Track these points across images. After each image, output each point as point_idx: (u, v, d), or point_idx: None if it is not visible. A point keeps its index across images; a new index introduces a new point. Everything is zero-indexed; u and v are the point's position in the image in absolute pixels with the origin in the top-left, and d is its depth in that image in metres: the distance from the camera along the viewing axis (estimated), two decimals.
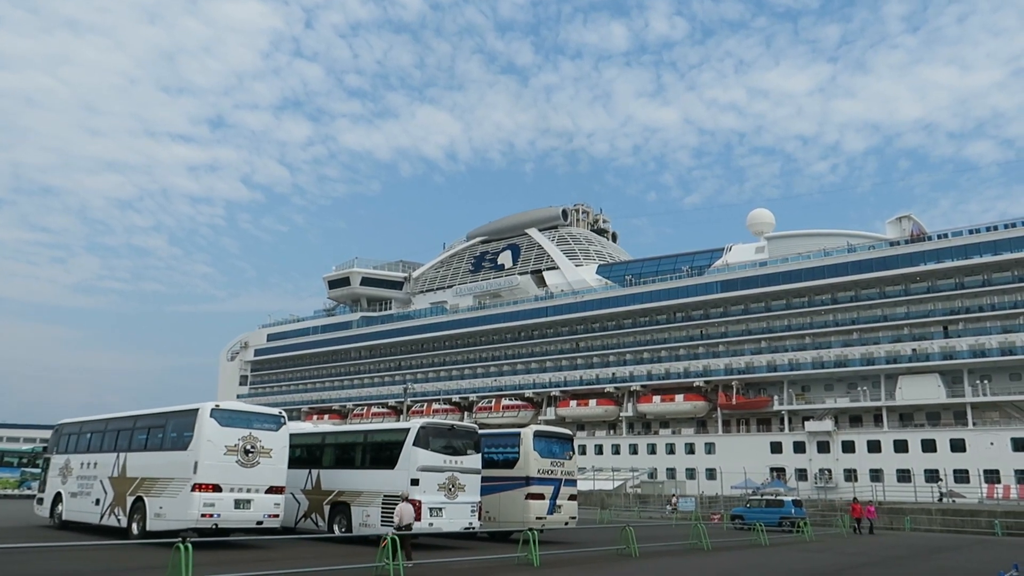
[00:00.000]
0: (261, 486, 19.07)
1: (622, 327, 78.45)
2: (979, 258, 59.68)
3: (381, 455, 21.94)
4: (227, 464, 18.55)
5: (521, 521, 22.65)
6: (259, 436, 19.27)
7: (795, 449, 64.80)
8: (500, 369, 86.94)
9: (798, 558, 22.03)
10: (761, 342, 69.56)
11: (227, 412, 19.14)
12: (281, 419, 20.23)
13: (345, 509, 21.81)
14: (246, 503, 18.72)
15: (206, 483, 18.11)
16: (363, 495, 21.44)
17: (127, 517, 19.96)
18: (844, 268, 65.07)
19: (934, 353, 60.53)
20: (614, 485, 64.25)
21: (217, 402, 19.60)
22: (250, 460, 18.96)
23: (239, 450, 18.81)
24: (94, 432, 23.49)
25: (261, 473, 19.13)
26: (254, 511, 18.85)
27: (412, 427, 21.21)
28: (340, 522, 21.83)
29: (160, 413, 20.99)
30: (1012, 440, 55.48)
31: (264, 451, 19.28)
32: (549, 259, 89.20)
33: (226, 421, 18.88)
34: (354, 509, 21.59)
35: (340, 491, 21.91)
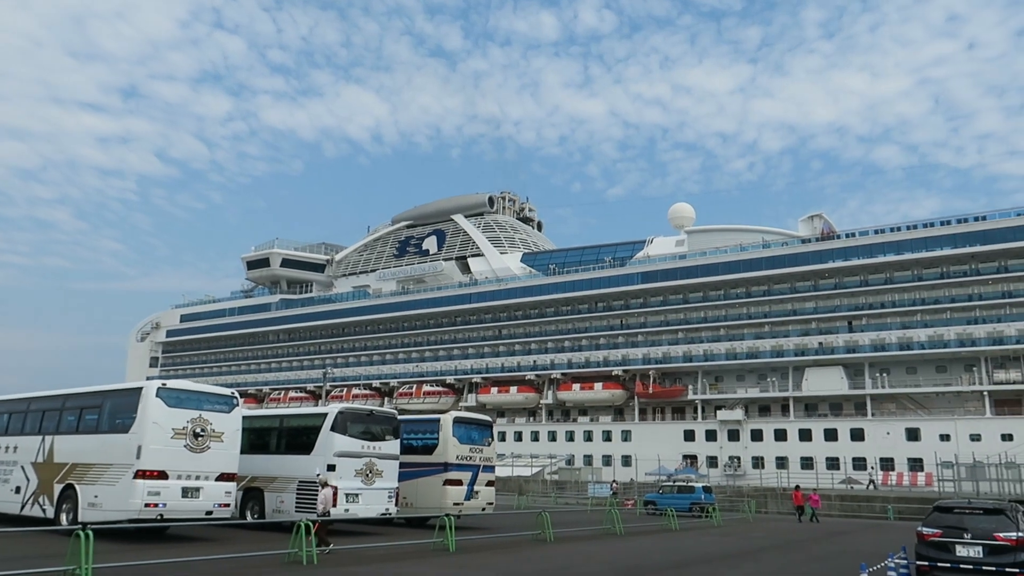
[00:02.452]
0: (211, 473, 17.62)
1: (545, 315, 79.23)
2: (883, 257, 62.80)
3: (297, 440, 21.59)
4: (174, 449, 17.06)
5: (438, 507, 22.72)
6: (210, 418, 17.82)
7: (707, 437, 66.97)
8: (422, 355, 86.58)
9: (705, 542, 22.84)
10: (678, 333, 71.47)
11: (175, 392, 17.62)
12: (234, 400, 18.79)
13: (258, 495, 21.39)
14: (195, 491, 17.27)
15: (150, 469, 16.56)
16: (277, 481, 21.08)
17: (54, 507, 18.17)
18: (758, 263, 67.41)
19: (839, 347, 63.48)
20: (532, 471, 65.02)
21: (164, 380, 18.27)
22: (200, 444, 17.49)
23: (188, 433, 17.32)
24: (14, 413, 21.26)
25: (211, 459, 17.68)
26: (203, 500, 17.40)
27: (330, 412, 20.94)
28: (253, 508, 21.40)
29: (96, 392, 19.20)
30: (906, 430, 58.83)
31: (215, 435, 17.85)
32: (474, 246, 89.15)
33: (173, 402, 17.35)
34: (268, 495, 21.21)
35: (253, 477, 21.46)
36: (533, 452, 71.97)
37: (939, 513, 13.68)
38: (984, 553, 12.61)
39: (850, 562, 16.84)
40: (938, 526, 13.28)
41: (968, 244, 59.44)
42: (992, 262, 59.39)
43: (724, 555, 19.02)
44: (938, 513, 13.70)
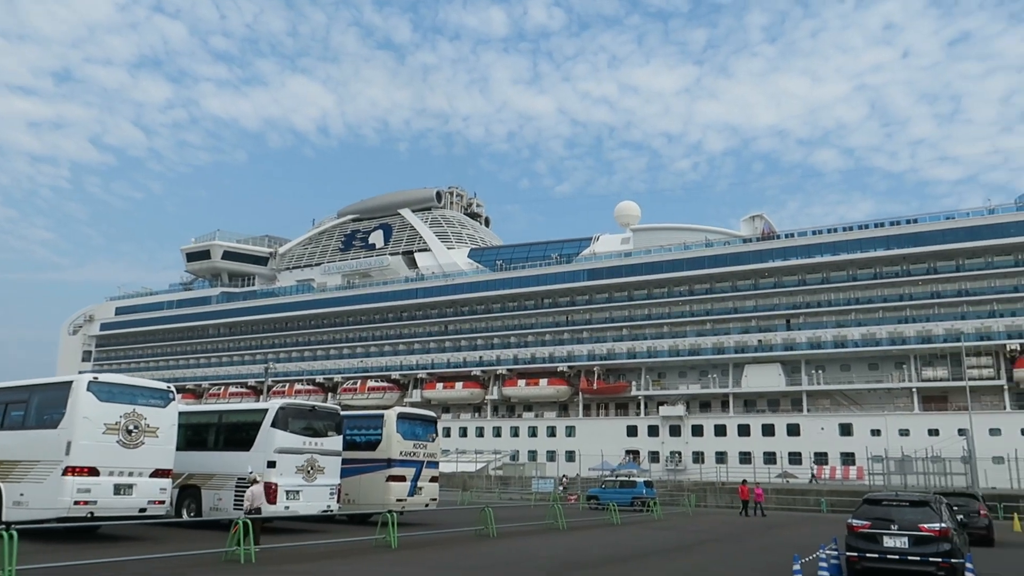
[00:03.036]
0: (145, 469, 17.10)
1: (491, 311, 79.32)
2: (820, 257, 64.67)
3: (237, 436, 21.17)
4: (106, 444, 16.50)
5: (381, 503, 22.56)
6: (144, 413, 17.27)
7: (649, 432, 68.02)
8: (367, 350, 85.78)
9: (645, 535, 23.20)
10: (623, 330, 72.36)
11: (107, 385, 17.05)
12: (170, 395, 18.27)
13: (195, 493, 20.92)
14: (127, 488, 16.73)
15: (81, 466, 16.00)
16: (215, 478, 20.64)
17: None
18: (701, 262, 68.71)
19: (777, 344, 65.16)
20: (477, 467, 65.07)
21: (96, 374, 17.59)
22: (133, 440, 16.95)
23: (121, 429, 16.76)
24: None
25: (145, 454, 17.16)
26: (137, 497, 16.88)
27: (271, 408, 20.59)
28: (189, 506, 20.93)
29: (21, 386, 18.42)
30: (840, 425, 60.76)
31: (149, 430, 17.31)
32: (421, 241, 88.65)
33: (106, 396, 16.77)
34: (205, 493, 20.76)
35: (190, 474, 20.96)
36: (478, 448, 72.06)
37: (868, 505, 14.16)
38: (909, 543, 13.11)
39: (784, 554, 17.30)
40: (867, 518, 13.75)
41: (900, 246, 61.64)
42: (922, 263, 61.70)
43: (663, 549, 19.35)
44: (867, 505, 14.18)
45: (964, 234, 59.64)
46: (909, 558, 12.96)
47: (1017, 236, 57.90)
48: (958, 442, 46.16)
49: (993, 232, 58.82)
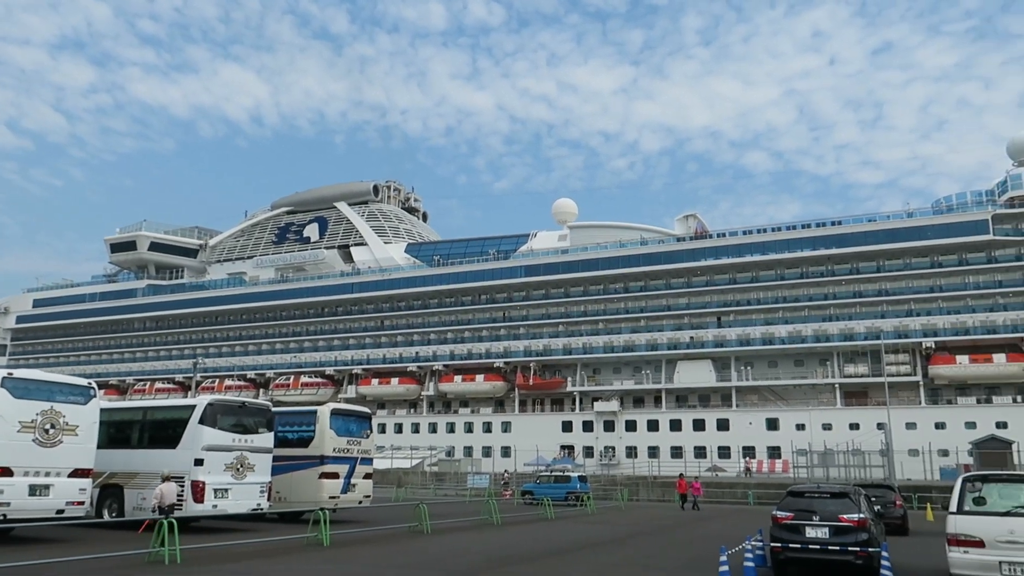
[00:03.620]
0: (63, 469, 16.37)
1: (428, 307, 78.95)
2: (750, 257, 66.50)
3: (162, 434, 20.53)
4: (21, 443, 15.68)
5: (314, 501, 22.23)
6: (63, 410, 16.51)
7: (584, 428, 68.85)
8: (301, 345, 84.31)
9: (579, 530, 23.48)
10: (559, 326, 72.99)
11: (23, 382, 16.21)
12: (91, 391, 17.51)
13: (117, 492, 20.20)
14: (44, 489, 15.99)
15: None
16: (139, 477, 19.96)
17: None
18: (636, 260, 69.85)
19: (708, 341, 66.76)
20: (412, 463, 64.76)
21: (10, 369, 16.76)
22: (51, 439, 16.21)
23: (37, 427, 16.00)
24: None
25: (64, 453, 16.41)
26: (54, 498, 16.13)
27: (198, 404, 20.04)
28: (111, 507, 20.20)
29: None
30: (767, 420, 62.68)
31: (69, 428, 16.59)
32: (358, 234, 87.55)
33: (21, 392, 15.96)
34: (128, 492, 20.06)
35: (112, 473, 20.24)
36: (413, 444, 71.68)
37: (791, 497, 14.62)
38: (830, 534, 13.58)
39: (712, 546, 17.75)
40: (790, 510, 14.19)
41: (825, 247, 63.90)
42: (845, 264, 64.09)
43: (595, 542, 19.62)
44: (791, 497, 14.64)
45: (884, 236, 62.21)
46: (829, 548, 13.43)
47: (933, 239, 60.68)
48: (877, 435, 48.19)
49: (911, 235, 61.53)
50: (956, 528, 11.34)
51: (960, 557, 11.17)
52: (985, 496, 11.61)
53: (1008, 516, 11.06)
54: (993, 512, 11.25)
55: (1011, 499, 11.42)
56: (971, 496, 11.66)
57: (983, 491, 11.70)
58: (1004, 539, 10.88)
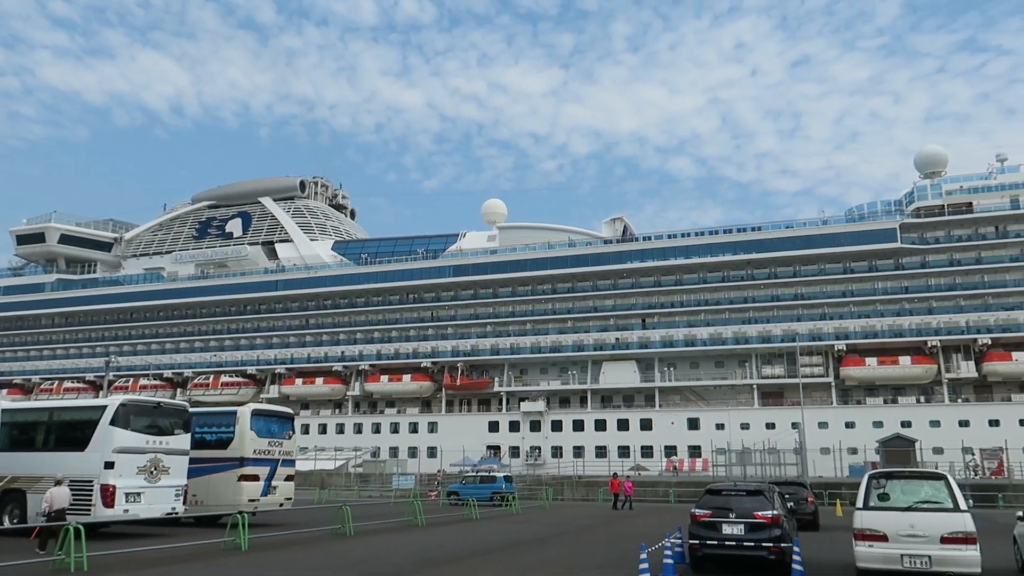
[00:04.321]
0: None
1: (355, 305, 77.89)
2: (674, 260, 68.05)
3: (70, 435, 19.62)
4: None
5: (232, 504, 21.65)
6: None
7: (511, 428, 69.12)
8: (221, 344, 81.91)
9: (503, 530, 23.56)
10: (487, 326, 73.09)
11: None
12: None
13: (19, 497, 19.21)
14: None
15: None
16: (43, 481, 18.97)
17: None
18: (564, 261, 70.58)
19: (633, 343, 68.00)
20: (336, 464, 63.74)
21: None
22: None
23: None
24: None
25: None
26: None
27: (110, 404, 19.24)
28: (12, 512, 19.19)
29: None
30: (688, 420, 64.24)
31: None
32: (283, 231, 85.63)
33: None
34: (31, 497, 19.07)
35: (14, 477, 19.24)
36: (338, 445, 70.56)
37: (710, 495, 15.05)
38: (745, 530, 14.03)
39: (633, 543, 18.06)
40: (709, 507, 14.60)
41: (745, 252, 65.94)
42: (764, 268, 66.29)
43: (519, 542, 19.72)
44: (709, 495, 15.06)
45: (800, 243, 64.64)
46: (744, 544, 13.88)
47: (846, 246, 63.39)
48: (792, 435, 49.98)
49: (825, 241, 64.11)
50: (862, 523, 11.89)
51: (865, 551, 11.72)
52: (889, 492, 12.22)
53: (909, 511, 11.67)
54: (896, 507, 11.85)
55: (912, 495, 12.05)
56: (876, 492, 12.25)
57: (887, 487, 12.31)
58: (905, 533, 11.47)
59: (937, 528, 11.35)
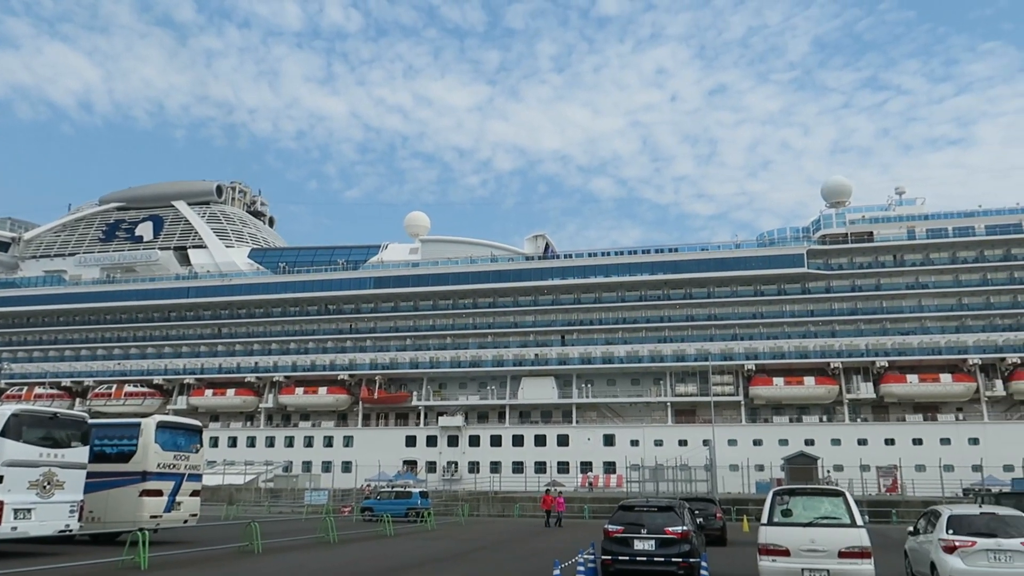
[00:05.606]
0: None
1: (271, 315, 75.97)
2: (594, 278, 69.20)
3: None
4: None
5: (133, 521, 20.64)
6: None
7: (428, 443, 68.53)
8: (126, 352, 78.42)
9: (418, 546, 23.29)
10: (407, 340, 72.45)
11: None
12: None
13: None
14: None
15: None
16: None
17: None
18: (486, 276, 70.78)
19: (552, 359, 68.63)
20: (246, 479, 61.77)
21: None
22: None
23: None
24: None
25: None
26: None
27: (0, 414, 18.09)
28: None
29: None
30: (604, 436, 65.16)
31: None
32: (197, 236, 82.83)
33: None
34: None
35: None
36: (248, 458, 68.41)
37: (622, 511, 15.29)
38: (656, 546, 14.32)
39: (547, 559, 18.17)
40: (621, 523, 14.84)
41: (662, 272, 67.68)
42: (680, 289, 68.14)
43: (433, 559, 19.54)
44: (621, 511, 15.31)
45: (714, 265, 66.82)
46: (655, 559, 14.17)
47: (757, 269, 65.87)
48: (703, 451, 51.39)
49: (738, 265, 66.47)
50: (766, 538, 12.29)
51: (769, 565, 12.12)
52: (792, 508, 12.68)
53: (810, 527, 12.14)
54: (797, 523, 12.31)
55: (813, 511, 12.54)
56: (780, 508, 12.70)
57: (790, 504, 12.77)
58: (806, 548, 11.92)
59: (835, 543, 11.83)
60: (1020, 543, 11.78)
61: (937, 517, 13.10)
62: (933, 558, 12.46)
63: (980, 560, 11.84)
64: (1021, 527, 12.13)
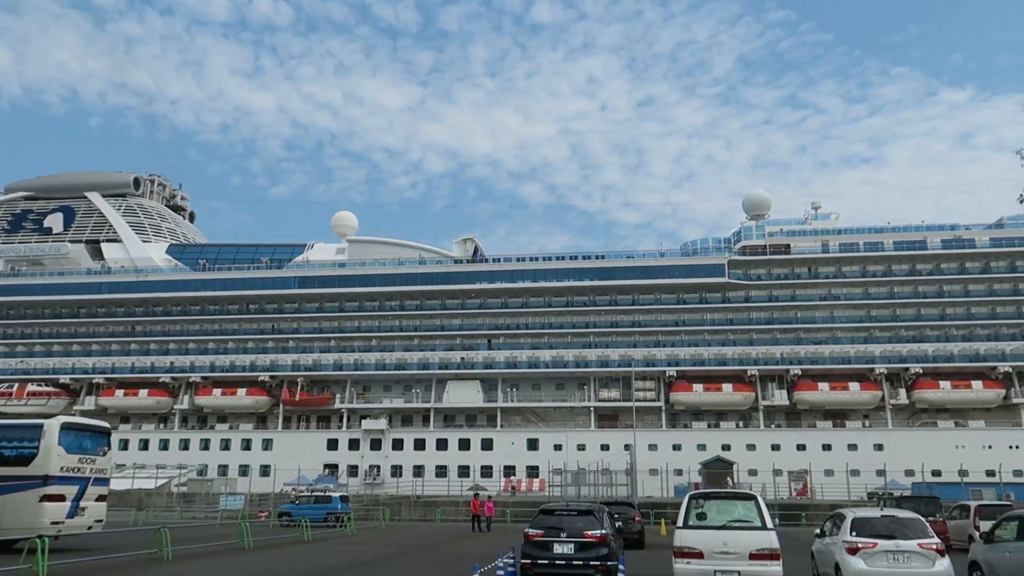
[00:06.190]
0: None
1: (189, 314, 73.53)
2: (522, 283, 69.58)
3: None
4: None
5: (32, 527, 19.60)
6: None
7: (350, 446, 67.47)
8: (30, 349, 74.58)
9: (336, 551, 22.89)
10: (331, 341, 71.26)
11: None
12: None
13: None
14: None
15: None
16: None
17: None
18: (414, 279, 70.28)
19: (478, 362, 68.61)
20: (157, 483, 59.47)
21: None
22: None
23: None
24: None
25: None
26: None
27: None
28: None
29: None
30: (528, 440, 65.49)
31: None
32: (111, 230, 79.49)
33: None
34: None
35: None
36: (161, 462, 65.92)
37: (543, 515, 15.39)
38: (575, 549, 14.46)
39: (467, 564, 18.12)
40: (541, 527, 14.93)
41: (589, 279, 68.57)
42: (606, 296, 69.17)
43: (351, 564, 19.24)
44: (542, 515, 15.40)
45: (639, 273, 68.14)
46: (574, 562, 14.30)
47: (680, 278, 67.45)
48: (624, 456, 52.23)
49: (662, 273, 67.96)
50: (681, 541, 12.57)
51: (683, 568, 12.39)
52: (706, 512, 13.01)
53: (723, 529, 12.47)
54: (711, 526, 12.63)
55: (727, 514, 12.89)
56: (695, 512, 13.01)
57: (705, 507, 13.10)
58: (719, 550, 12.24)
59: (746, 545, 12.18)
60: (917, 544, 12.40)
61: (842, 520, 13.65)
62: (837, 559, 12.98)
63: (880, 561, 12.39)
64: (919, 529, 12.77)
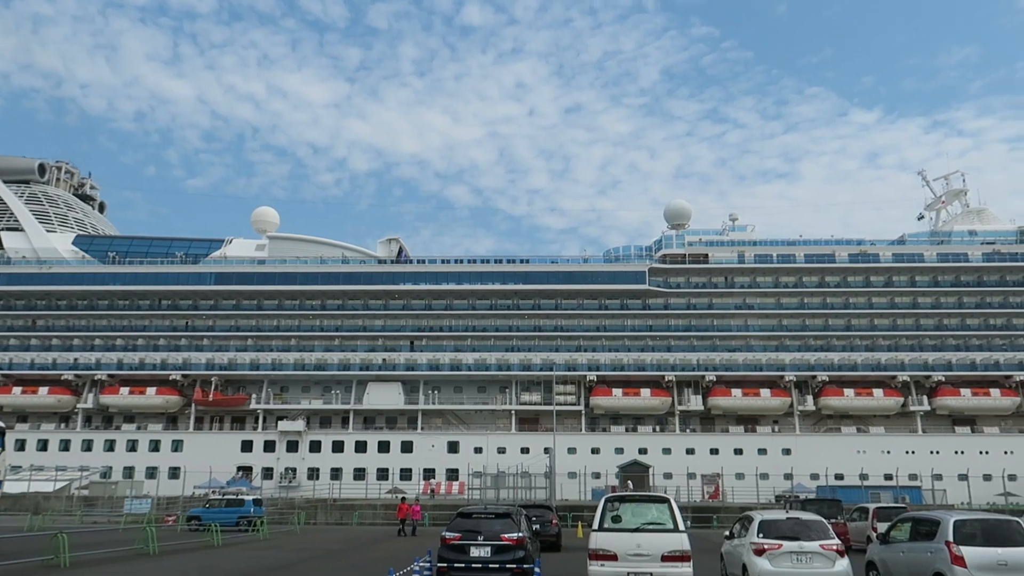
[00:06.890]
0: None
1: (96, 308, 70.27)
2: (446, 285, 69.33)
3: None
4: None
5: None
6: None
7: (265, 448, 65.77)
8: None
9: (245, 557, 22.26)
10: (248, 339, 69.35)
11: None
12: None
13: None
14: None
15: None
16: None
17: None
18: (336, 278, 69.10)
19: (400, 364, 67.98)
20: (56, 486, 56.60)
21: None
22: None
23: None
24: None
25: None
26: None
27: None
28: None
29: None
30: (448, 443, 65.26)
31: None
32: (12, 218, 75.21)
33: None
34: None
35: None
36: (61, 464, 62.68)
37: (460, 519, 15.36)
38: (492, 552, 14.49)
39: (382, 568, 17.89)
40: (459, 530, 14.90)
41: (513, 282, 68.90)
42: (529, 300, 69.64)
43: (263, 569, 18.74)
44: (460, 519, 15.37)
45: (563, 278, 68.90)
46: (490, 565, 14.34)
47: (602, 284, 68.54)
48: (544, 459, 52.61)
49: (585, 279, 68.89)
50: (596, 544, 12.74)
51: (598, 570, 12.56)
52: (621, 515, 13.22)
53: (637, 532, 12.71)
54: (626, 528, 12.85)
55: (641, 517, 13.14)
56: (610, 515, 13.20)
57: (620, 510, 13.31)
58: (632, 552, 12.46)
59: (658, 547, 12.44)
60: (819, 545, 12.92)
61: (750, 522, 14.10)
62: (745, 560, 13.40)
63: (784, 562, 12.86)
64: (821, 531, 13.31)
